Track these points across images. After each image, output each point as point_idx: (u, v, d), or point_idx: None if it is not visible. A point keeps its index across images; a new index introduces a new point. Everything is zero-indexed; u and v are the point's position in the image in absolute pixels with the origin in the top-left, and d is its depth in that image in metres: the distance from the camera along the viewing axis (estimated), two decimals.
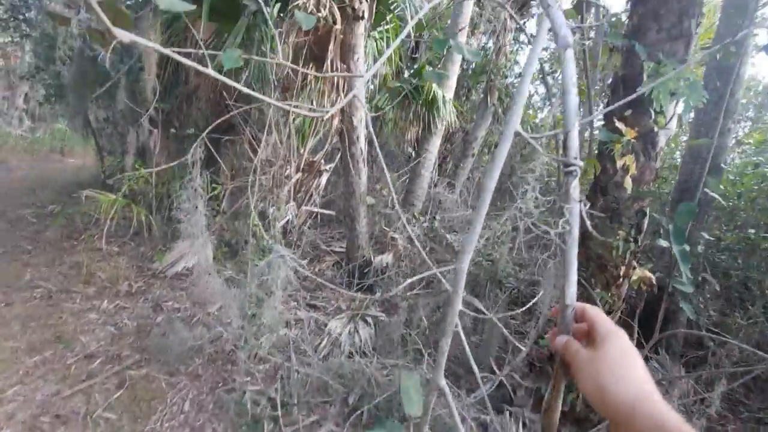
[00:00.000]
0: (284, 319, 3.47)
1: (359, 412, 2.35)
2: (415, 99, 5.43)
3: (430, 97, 5.25)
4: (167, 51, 0.57)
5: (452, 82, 5.56)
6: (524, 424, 2.45)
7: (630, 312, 2.90)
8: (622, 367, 0.45)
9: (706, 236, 2.48)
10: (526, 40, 7.32)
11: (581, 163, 0.58)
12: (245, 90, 0.75)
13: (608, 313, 2.38)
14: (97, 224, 4.50)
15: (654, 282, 2.11)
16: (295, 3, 3.01)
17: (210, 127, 2.25)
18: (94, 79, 4.33)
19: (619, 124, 1.87)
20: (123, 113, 3.76)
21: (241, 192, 4.79)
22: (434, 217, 5.58)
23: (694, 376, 2.18)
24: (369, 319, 3.37)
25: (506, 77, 7.37)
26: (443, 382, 0.63)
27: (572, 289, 0.58)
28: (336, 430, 2.27)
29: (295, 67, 0.85)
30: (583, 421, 2.52)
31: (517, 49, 7.64)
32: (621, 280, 2.30)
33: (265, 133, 3.03)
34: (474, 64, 7.87)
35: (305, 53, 3.46)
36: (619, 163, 1.95)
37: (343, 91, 3.75)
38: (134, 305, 3.48)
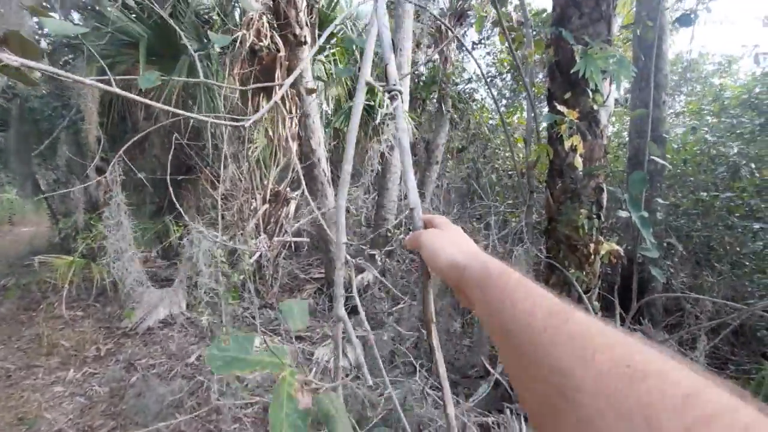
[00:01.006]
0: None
1: None
2: (371, 116, 5.49)
3: (387, 113, 5.32)
4: (92, 83, 0.54)
5: (406, 96, 5.67)
6: (527, 420, 2.40)
7: (609, 289, 2.96)
8: (459, 240, 0.50)
9: (661, 201, 2.58)
10: (470, 46, 7.61)
11: (401, 88, 0.67)
12: (190, 115, 0.72)
13: (586, 291, 2.41)
14: (55, 291, 4.24)
15: (622, 253, 2.16)
16: (235, 35, 3.01)
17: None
18: (37, 139, 4.15)
19: (560, 108, 1.94)
20: (70, 169, 3.59)
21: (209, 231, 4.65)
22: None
23: (676, 337, 2.22)
24: (355, 340, 3.27)
25: (456, 84, 7.63)
26: (342, 312, 0.72)
27: (413, 195, 0.63)
28: None
29: (241, 88, 0.83)
30: None
31: (462, 57, 7.92)
32: (592, 257, 2.34)
33: (222, 166, 2.96)
34: (424, 77, 8.11)
35: (253, 82, 3.45)
36: (567, 145, 2.01)
37: (296, 114, 3.74)
38: (104, 369, 3.25)
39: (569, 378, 0.26)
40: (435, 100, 7.32)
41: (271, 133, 3.98)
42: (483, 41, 8.01)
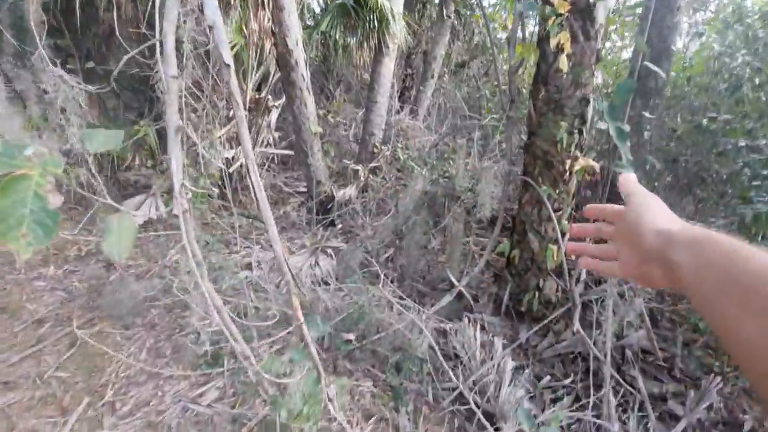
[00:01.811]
0: (245, 263, 3.41)
1: (320, 336, 2.36)
2: (360, 17, 4.96)
3: (377, 12, 4.80)
4: None
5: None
6: (483, 327, 2.52)
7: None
8: (666, 210, 0.48)
9: (648, 115, 2.40)
10: None
11: None
12: None
13: (557, 210, 2.36)
14: None
15: (597, 170, 2.06)
16: None
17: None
18: None
19: None
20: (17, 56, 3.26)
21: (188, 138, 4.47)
22: (397, 146, 5.40)
23: None
24: (330, 251, 3.32)
25: None
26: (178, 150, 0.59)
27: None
28: (294, 350, 2.28)
29: None
30: (540, 319, 2.61)
31: None
32: (568, 174, 2.25)
33: (183, 61, 2.69)
34: None
35: None
36: (553, 43, 1.78)
37: (269, 7, 3.34)
38: (85, 268, 3.33)
39: None
40: (437, 3, 6.59)
41: (245, 30, 3.60)
42: None
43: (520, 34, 2.16)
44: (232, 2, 3.58)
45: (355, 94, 7.46)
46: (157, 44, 0.76)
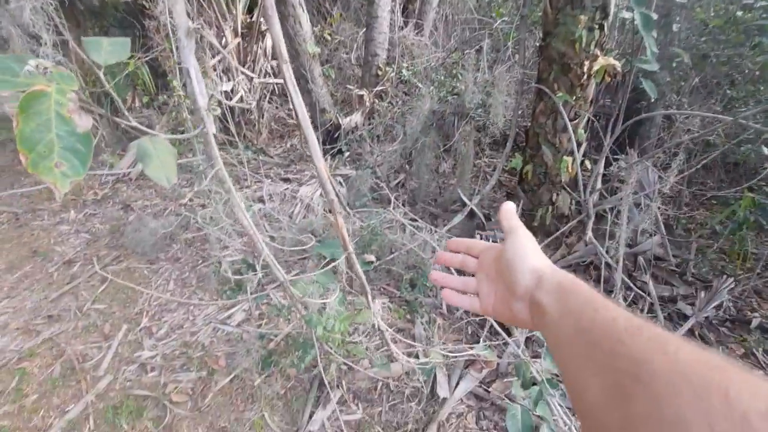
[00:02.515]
0: (257, 196, 3.44)
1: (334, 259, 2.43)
2: None
3: None
4: None
5: None
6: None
7: (606, 122, 2.76)
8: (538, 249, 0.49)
9: (679, 0, 2.14)
10: None
11: None
12: None
13: (573, 119, 2.23)
14: None
15: (618, 69, 1.89)
16: None
17: None
18: None
19: None
20: None
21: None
22: (402, 67, 5.08)
23: (651, 156, 2.12)
24: (339, 179, 3.31)
25: None
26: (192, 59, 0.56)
27: None
28: (313, 276, 2.38)
29: None
30: (553, 233, 2.61)
31: None
32: (586, 78, 2.09)
33: None
34: None
35: None
36: None
37: None
38: (103, 211, 3.42)
39: (647, 365, 0.27)
40: None
41: None
42: None
43: None
44: None
45: (354, 12, 6.89)
46: None
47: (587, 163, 2.39)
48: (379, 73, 4.92)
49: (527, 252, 0.47)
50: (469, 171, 3.11)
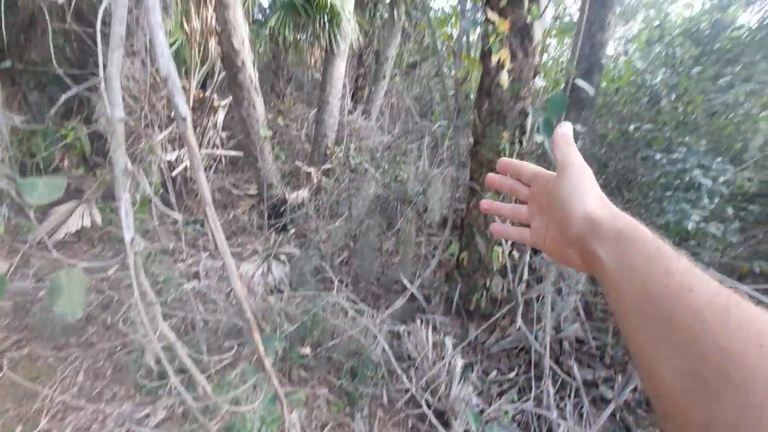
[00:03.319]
0: (192, 272, 3.27)
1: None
2: (310, 15, 4.89)
3: (327, 10, 4.74)
4: None
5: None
6: (434, 328, 2.62)
7: None
8: (596, 187, 0.42)
9: (579, 128, 2.62)
10: None
11: None
12: None
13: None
14: None
15: None
16: None
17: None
18: None
19: (492, 14, 1.76)
20: None
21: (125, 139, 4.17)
22: (350, 147, 5.40)
23: None
24: (283, 257, 3.28)
25: None
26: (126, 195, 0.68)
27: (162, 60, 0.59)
28: (249, 368, 2.24)
29: None
30: (488, 317, 2.76)
31: None
32: None
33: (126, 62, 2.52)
34: None
35: None
36: (494, 59, 1.88)
37: (212, 4, 3.21)
38: (9, 284, 3.03)
39: (738, 360, 0.23)
40: (387, 3, 6.63)
41: (186, 26, 3.43)
42: None
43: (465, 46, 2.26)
44: None
45: (306, 93, 7.35)
46: (102, 83, 0.71)
47: (515, 253, 2.63)
48: (328, 152, 5.17)
49: (582, 191, 0.40)
50: (411, 253, 3.25)
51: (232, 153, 5.17)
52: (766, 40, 3.34)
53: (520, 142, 2.28)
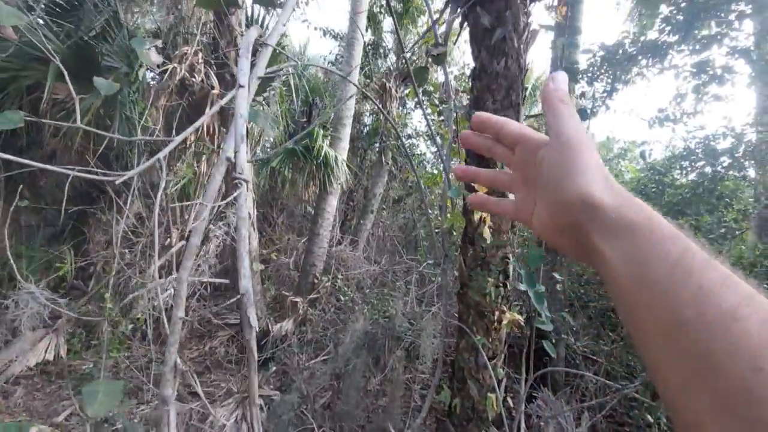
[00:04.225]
0: (156, 416, 2.94)
1: None
2: (308, 160, 5.50)
3: (322, 157, 5.36)
4: None
5: (345, 144, 5.78)
6: None
7: (519, 352, 3.07)
8: (601, 165, 0.33)
9: (558, 276, 2.80)
10: (411, 106, 8.06)
11: (247, 177, 0.72)
12: (108, 134, 0.63)
13: (491, 357, 2.46)
14: None
15: (522, 323, 2.26)
16: (164, 68, 2.90)
17: None
18: None
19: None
20: None
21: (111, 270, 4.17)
22: (336, 277, 5.48)
23: (567, 411, 2.32)
24: (261, 401, 3.02)
25: (398, 138, 7.96)
26: (169, 392, 0.68)
27: (244, 281, 0.66)
28: None
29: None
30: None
31: (405, 114, 8.35)
32: (498, 324, 2.43)
33: (129, 202, 2.72)
34: (369, 127, 8.42)
35: (180, 117, 3.31)
36: (477, 217, 2.12)
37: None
38: None
39: None
40: (377, 150, 7.55)
41: (196, 167, 3.80)
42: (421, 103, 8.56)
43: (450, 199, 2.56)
44: (188, 143, 3.82)
45: (297, 223, 7.74)
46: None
47: (509, 401, 2.52)
48: (315, 281, 5.22)
49: (579, 169, 0.31)
50: (400, 393, 3.06)
51: (219, 280, 5.16)
52: (703, 196, 3.87)
53: (505, 286, 2.40)
